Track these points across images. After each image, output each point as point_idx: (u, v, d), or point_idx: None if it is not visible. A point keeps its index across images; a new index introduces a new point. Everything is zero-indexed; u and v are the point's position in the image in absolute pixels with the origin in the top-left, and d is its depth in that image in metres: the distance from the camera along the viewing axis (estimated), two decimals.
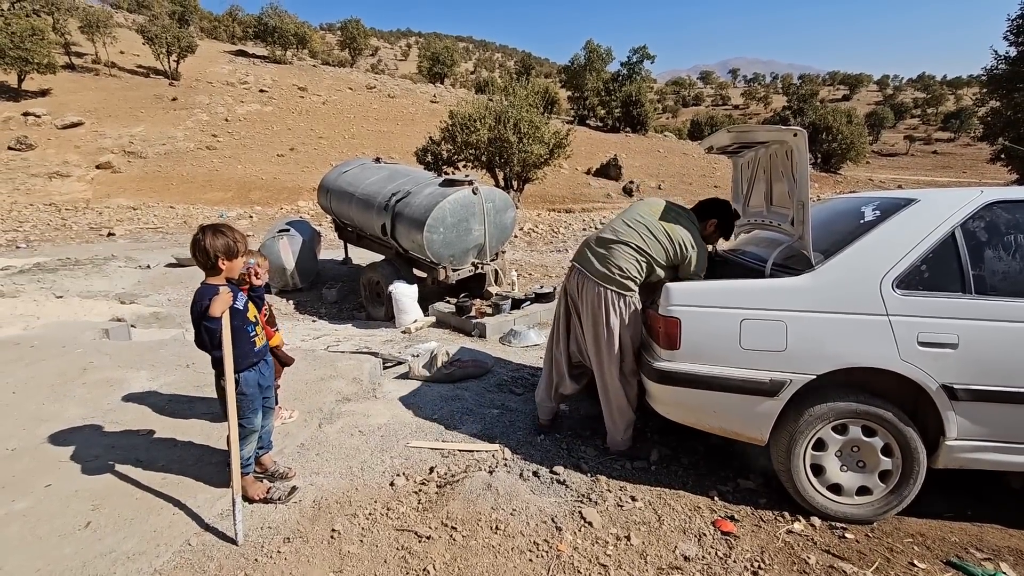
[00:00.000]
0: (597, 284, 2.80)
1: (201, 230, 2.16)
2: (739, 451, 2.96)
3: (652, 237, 2.78)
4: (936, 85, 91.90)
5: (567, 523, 2.34)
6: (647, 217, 2.84)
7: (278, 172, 22.14)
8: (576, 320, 2.98)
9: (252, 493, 2.36)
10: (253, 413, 2.32)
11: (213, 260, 2.13)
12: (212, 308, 2.08)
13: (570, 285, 2.99)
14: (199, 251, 2.14)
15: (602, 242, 2.86)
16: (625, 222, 2.87)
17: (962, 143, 53.55)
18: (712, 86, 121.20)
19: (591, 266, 2.83)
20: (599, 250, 2.85)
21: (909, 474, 2.35)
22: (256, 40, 43.08)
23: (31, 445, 2.77)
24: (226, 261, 2.16)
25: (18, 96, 24.67)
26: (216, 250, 2.13)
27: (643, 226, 2.81)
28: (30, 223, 13.92)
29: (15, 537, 2.09)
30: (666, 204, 2.94)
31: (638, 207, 2.95)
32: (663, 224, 2.80)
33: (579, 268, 2.91)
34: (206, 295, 2.11)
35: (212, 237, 2.14)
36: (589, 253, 2.88)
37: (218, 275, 2.18)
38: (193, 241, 2.16)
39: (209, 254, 2.12)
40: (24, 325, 5.21)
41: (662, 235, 2.78)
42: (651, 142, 35.76)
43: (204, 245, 2.12)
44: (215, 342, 2.14)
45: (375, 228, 6.99)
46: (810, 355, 2.33)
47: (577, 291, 2.91)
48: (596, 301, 2.80)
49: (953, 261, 2.31)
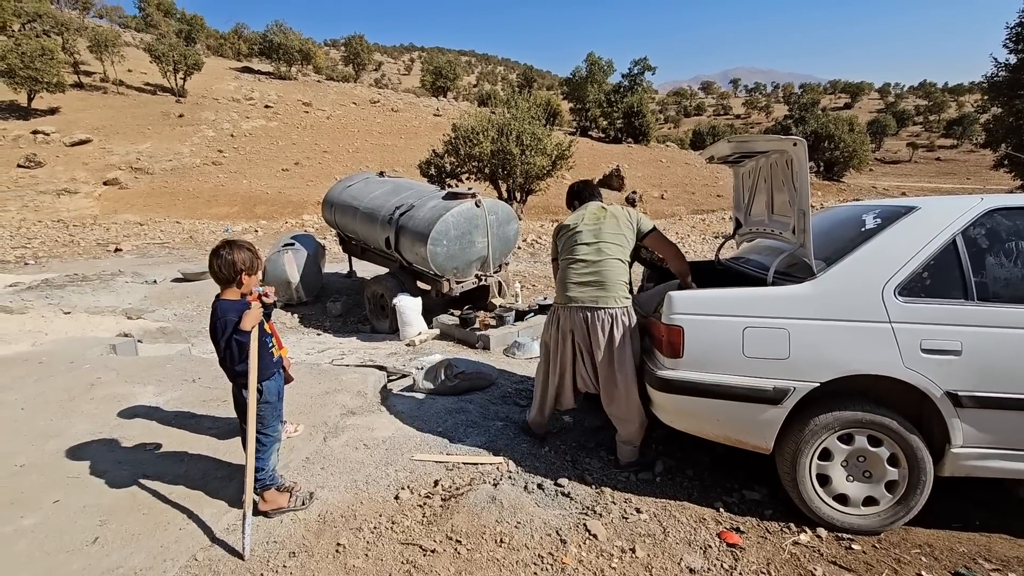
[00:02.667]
0: (605, 311, 2.81)
1: (225, 245, 2.21)
2: (744, 462, 2.95)
3: (623, 237, 2.91)
4: (938, 92, 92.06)
5: (572, 536, 2.33)
6: (606, 226, 2.91)
7: (283, 186, 22.34)
8: (581, 355, 2.92)
9: (279, 503, 2.40)
10: (276, 420, 2.39)
11: (236, 274, 2.19)
12: (244, 322, 2.15)
13: (574, 325, 2.87)
14: (224, 265, 2.18)
15: (588, 271, 2.86)
16: (598, 242, 2.88)
17: (965, 150, 53.52)
18: (713, 96, 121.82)
19: (592, 297, 2.83)
20: (589, 279, 2.85)
21: (916, 484, 2.34)
22: (261, 57, 43.66)
23: (39, 461, 2.79)
24: (247, 276, 2.22)
25: (28, 115, 25.06)
26: (242, 264, 2.19)
27: (612, 235, 2.89)
28: (38, 239, 14.06)
29: (23, 553, 2.10)
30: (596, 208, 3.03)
31: (592, 227, 2.94)
32: (613, 221, 2.93)
33: (580, 306, 2.85)
34: (231, 310, 2.16)
35: (237, 252, 2.19)
36: (582, 287, 2.86)
37: (235, 290, 2.22)
38: (217, 255, 2.19)
39: (235, 267, 2.18)
40: (32, 341, 5.26)
41: (626, 229, 2.93)
42: (653, 152, 35.89)
43: (231, 259, 2.17)
44: (244, 355, 2.18)
45: (379, 241, 7.04)
46: (813, 363, 2.33)
47: (585, 327, 2.84)
48: (607, 325, 2.81)
49: (955, 268, 2.32)
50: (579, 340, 2.89)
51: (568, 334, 2.92)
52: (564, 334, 2.94)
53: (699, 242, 14.47)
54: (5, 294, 8.03)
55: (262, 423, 2.28)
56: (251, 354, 2.19)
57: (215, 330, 2.17)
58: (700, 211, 23.80)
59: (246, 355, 2.19)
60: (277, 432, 2.40)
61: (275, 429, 2.38)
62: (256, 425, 2.24)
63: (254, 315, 2.19)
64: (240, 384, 2.26)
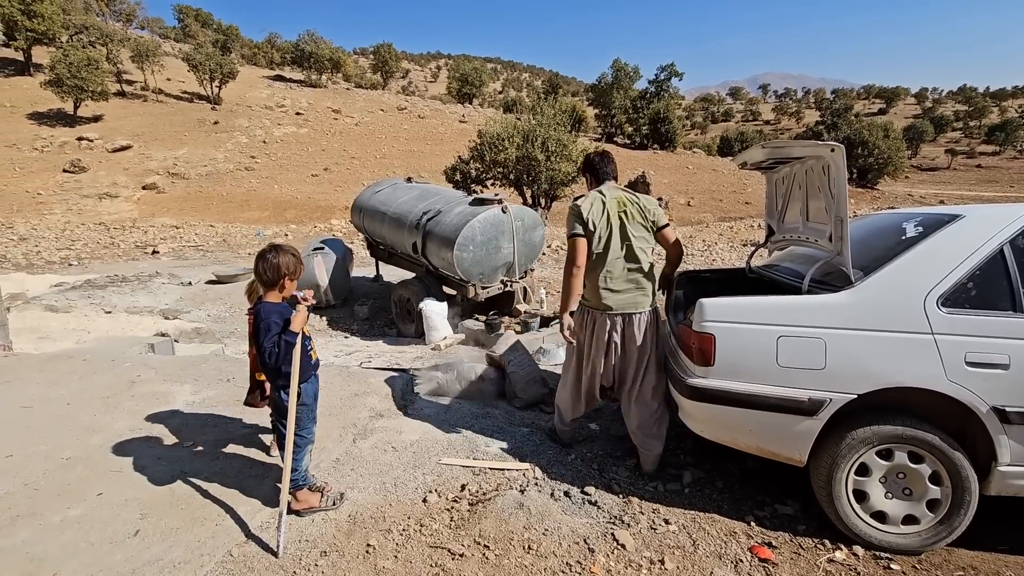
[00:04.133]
0: (643, 313, 2.84)
1: (271, 249, 2.29)
2: (776, 475, 2.88)
3: (647, 232, 2.87)
4: (979, 97, 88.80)
5: (600, 545, 2.32)
6: (632, 226, 2.83)
7: (312, 191, 22.81)
8: (615, 356, 2.89)
9: (311, 502, 2.44)
10: (312, 422, 2.44)
11: (280, 278, 2.26)
12: (294, 324, 2.22)
13: (612, 328, 2.85)
14: (270, 268, 2.25)
15: (625, 277, 2.83)
16: (629, 242, 2.82)
17: (1008, 156, 51.56)
18: (742, 102, 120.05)
19: (632, 302, 2.83)
20: (627, 285, 2.83)
21: (960, 503, 2.25)
22: (293, 65, 44.81)
23: (84, 455, 2.90)
24: (289, 280, 2.29)
25: (74, 122, 26.19)
26: (286, 268, 2.26)
27: (639, 236, 2.83)
28: (81, 242, 14.65)
29: (70, 543, 2.19)
30: (618, 202, 2.86)
31: (619, 226, 2.84)
32: (636, 217, 2.84)
33: (620, 312, 2.83)
34: (273, 312, 2.23)
35: (282, 256, 2.27)
36: (619, 295, 2.83)
37: (277, 293, 2.29)
38: (264, 258, 2.26)
39: (279, 271, 2.25)
40: (76, 339, 5.48)
41: (648, 223, 2.86)
42: (680, 159, 35.53)
43: (276, 263, 2.25)
44: (289, 356, 2.24)
45: (406, 246, 7.14)
46: (850, 374, 2.27)
47: (622, 329, 2.84)
48: (640, 327, 2.84)
49: (1002, 279, 2.24)
50: (616, 342, 2.87)
51: (605, 336, 2.87)
52: (599, 337, 2.89)
53: (727, 250, 14.25)
54: (50, 294, 8.39)
55: (298, 425, 2.32)
56: (294, 356, 2.24)
57: (258, 331, 2.23)
58: (728, 218, 23.43)
59: (290, 356, 2.24)
60: (311, 434, 2.45)
61: (310, 431, 2.42)
62: (292, 426, 2.29)
63: (302, 318, 2.26)
64: (279, 386, 2.32)
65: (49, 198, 19.50)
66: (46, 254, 12.89)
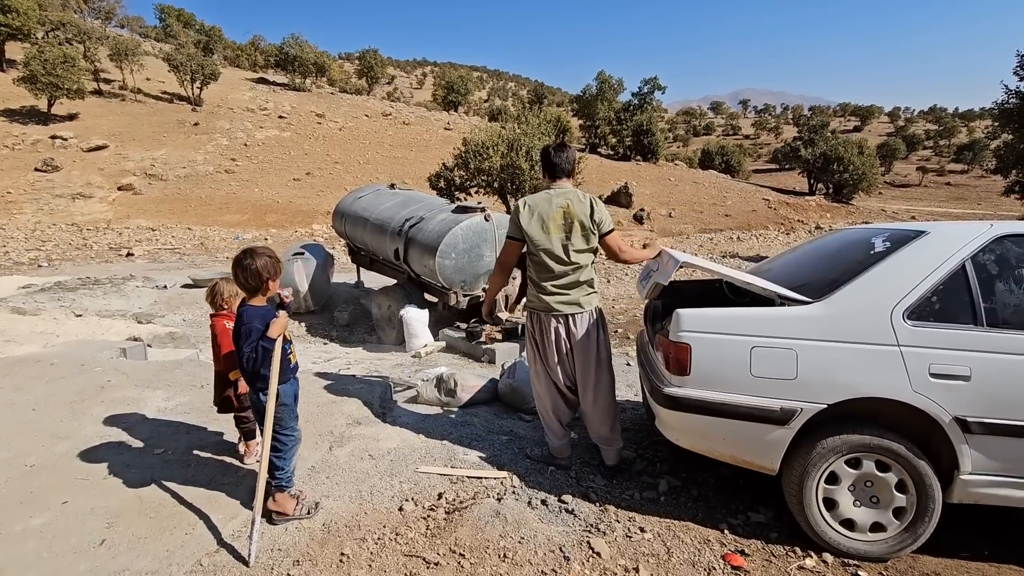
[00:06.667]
0: (583, 314, 2.86)
1: (246, 254, 2.25)
2: (750, 483, 2.93)
3: (591, 238, 2.81)
4: (948, 117, 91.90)
5: (575, 553, 2.32)
6: (575, 236, 2.78)
7: (294, 196, 22.59)
8: (567, 358, 2.92)
9: (287, 508, 2.40)
10: (294, 420, 2.43)
11: (263, 282, 2.24)
12: (272, 330, 2.20)
13: (558, 331, 2.87)
14: (250, 275, 2.22)
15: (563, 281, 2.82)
16: (569, 247, 2.80)
17: (975, 175, 53.36)
18: (723, 116, 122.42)
19: (571, 302, 2.83)
20: (565, 288, 2.83)
21: (924, 511, 2.32)
22: (277, 68, 44.42)
23: (49, 462, 2.82)
24: (272, 282, 2.27)
25: (47, 120, 25.56)
26: (266, 272, 2.24)
27: (581, 239, 2.79)
28: (52, 242, 14.28)
29: (32, 553, 2.12)
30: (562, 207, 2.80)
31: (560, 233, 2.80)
32: (579, 223, 2.78)
33: (561, 313, 2.84)
34: (255, 317, 2.21)
35: (259, 259, 2.23)
36: (558, 295, 2.83)
37: (261, 297, 2.28)
38: (241, 265, 2.23)
39: (260, 276, 2.23)
40: (44, 343, 5.33)
41: (592, 230, 2.80)
42: (662, 171, 36.04)
43: (255, 268, 2.22)
44: (267, 361, 2.22)
45: (388, 253, 7.11)
46: (821, 384, 2.33)
47: (566, 332, 2.87)
48: (587, 326, 2.88)
49: (964, 293, 2.32)
50: (565, 341, 2.89)
51: (553, 335, 2.88)
52: (549, 337, 2.90)
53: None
54: (18, 296, 8.15)
55: (280, 424, 2.33)
56: (274, 361, 2.23)
57: (239, 336, 2.22)
58: (708, 230, 23.83)
59: (269, 360, 2.23)
60: (297, 432, 2.45)
61: (294, 429, 2.43)
62: (274, 427, 2.29)
63: (281, 323, 2.25)
64: (258, 388, 2.31)
65: (19, 197, 18.98)
66: (14, 255, 12.53)
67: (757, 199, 30.23)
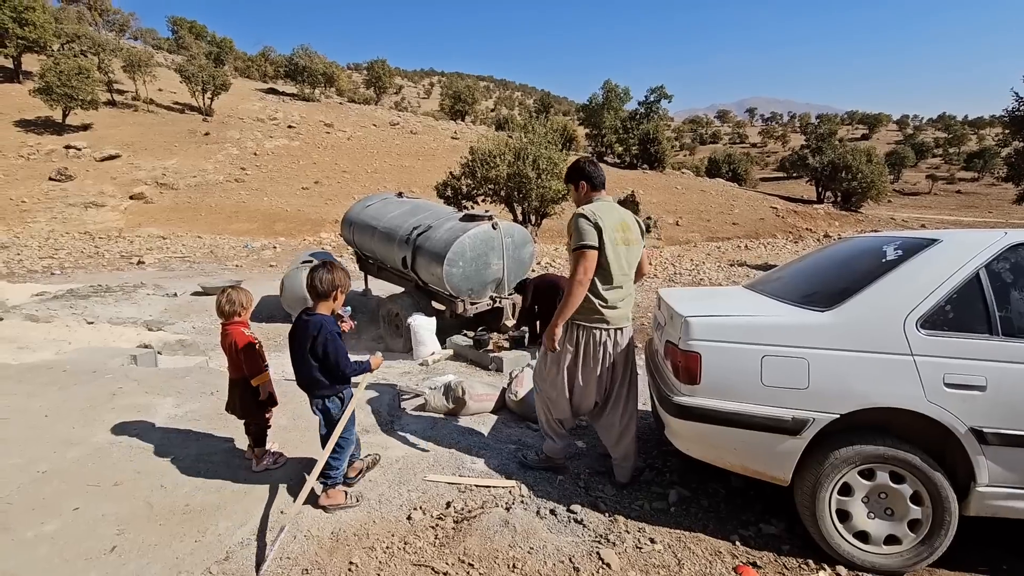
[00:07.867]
0: (630, 326, 2.95)
1: (326, 266, 2.48)
2: (761, 494, 2.90)
3: (641, 248, 2.97)
4: (957, 125, 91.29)
5: (585, 564, 2.30)
6: (632, 250, 2.89)
7: (302, 204, 22.75)
8: (608, 372, 2.90)
9: (338, 499, 2.59)
10: (353, 425, 2.67)
11: (334, 289, 2.48)
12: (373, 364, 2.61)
13: (606, 344, 2.86)
14: (324, 281, 2.44)
15: (626, 293, 2.87)
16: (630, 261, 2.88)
17: (986, 183, 52.89)
18: (729, 124, 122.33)
19: (624, 316, 2.89)
20: (625, 301, 2.88)
21: (940, 524, 2.28)
22: (286, 79, 44.91)
23: (61, 468, 2.84)
24: (341, 293, 2.50)
25: (62, 130, 25.95)
26: (339, 282, 2.49)
27: (637, 255, 2.94)
28: (65, 251, 14.44)
29: (43, 559, 2.13)
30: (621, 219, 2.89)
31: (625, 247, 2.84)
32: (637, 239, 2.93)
33: (615, 326, 2.85)
34: (330, 322, 2.45)
35: (336, 271, 2.49)
36: (617, 307, 2.83)
37: (329, 304, 2.48)
38: (318, 276, 2.44)
39: (334, 283, 2.47)
40: (56, 350, 5.38)
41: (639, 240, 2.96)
42: (668, 179, 36.00)
43: (331, 277, 2.47)
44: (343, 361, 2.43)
45: (396, 261, 7.13)
46: (833, 393, 2.30)
47: (612, 345, 2.87)
48: (628, 339, 2.95)
49: (978, 302, 2.29)
50: (611, 356, 2.88)
51: (600, 350, 2.86)
52: (595, 353, 2.86)
53: (714, 269, 14.41)
54: (32, 303, 8.24)
55: (344, 428, 2.54)
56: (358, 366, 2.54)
57: (323, 341, 2.38)
58: (715, 238, 23.74)
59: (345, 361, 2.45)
60: (352, 435, 2.66)
61: (351, 432, 2.64)
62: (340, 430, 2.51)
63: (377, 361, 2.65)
64: (322, 395, 2.50)
65: (34, 206, 19.25)
66: (28, 263, 12.69)
67: (765, 207, 30.13)
